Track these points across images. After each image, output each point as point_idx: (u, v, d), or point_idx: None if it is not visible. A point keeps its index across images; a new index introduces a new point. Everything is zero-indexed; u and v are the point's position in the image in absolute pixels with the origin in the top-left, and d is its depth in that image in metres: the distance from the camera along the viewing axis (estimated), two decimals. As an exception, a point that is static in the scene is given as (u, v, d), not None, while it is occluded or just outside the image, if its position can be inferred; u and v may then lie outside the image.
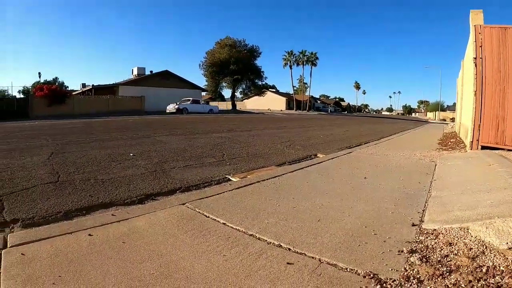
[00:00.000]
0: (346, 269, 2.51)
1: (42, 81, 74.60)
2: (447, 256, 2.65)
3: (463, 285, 2.18)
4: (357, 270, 2.47)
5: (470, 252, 2.68)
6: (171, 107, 40.51)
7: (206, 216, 3.67)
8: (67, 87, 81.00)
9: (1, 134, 12.70)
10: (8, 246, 2.89)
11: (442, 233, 3.10)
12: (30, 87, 69.21)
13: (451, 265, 2.49)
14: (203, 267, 2.52)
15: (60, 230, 3.23)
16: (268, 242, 3.00)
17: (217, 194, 4.55)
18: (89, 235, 3.10)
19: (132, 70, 58.12)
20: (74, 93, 53.55)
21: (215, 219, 3.57)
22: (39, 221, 3.61)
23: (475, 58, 7.88)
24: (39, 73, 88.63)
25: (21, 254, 2.71)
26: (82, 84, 64.03)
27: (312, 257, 2.71)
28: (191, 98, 41.98)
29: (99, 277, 2.35)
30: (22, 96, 59.94)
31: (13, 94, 64.23)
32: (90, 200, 4.35)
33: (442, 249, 2.78)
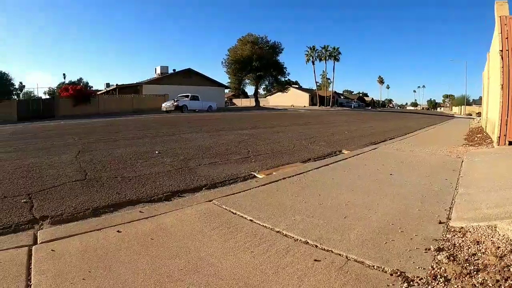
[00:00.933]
0: (373, 266, 2.48)
1: (67, 82, 75.72)
2: (474, 254, 2.60)
3: (490, 285, 2.14)
4: (384, 268, 2.44)
5: (498, 251, 2.63)
6: (168, 105, 37.31)
7: (233, 212, 3.68)
8: (92, 87, 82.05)
9: (29, 134, 12.96)
10: (38, 242, 2.94)
11: (470, 231, 3.05)
12: (55, 88, 70.43)
13: (478, 264, 2.44)
14: (231, 264, 2.52)
15: (88, 226, 3.28)
16: (295, 239, 3.00)
17: (243, 191, 4.55)
18: (118, 231, 3.14)
19: (155, 69, 58.56)
20: (98, 93, 54.28)
21: (242, 216, 3.57)
22: (68, 218, 3.67)
23: (501, 51, 7.67)
24: (64, 74, 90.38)
25: (51, 250, 2.76)
26: (106, 83, 64.86)
27: (339, 254, 2.69)
28: (189, 94, 39.33)
29: (128, 273, 2.37)
30: (47, 97, 60.92)
31: (39, 95, 65.29)
32: (117, 197, 4.40)
33: (469, 248, 2.73)
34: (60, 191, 4.60)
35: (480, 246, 2.74)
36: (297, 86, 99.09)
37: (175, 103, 36.71)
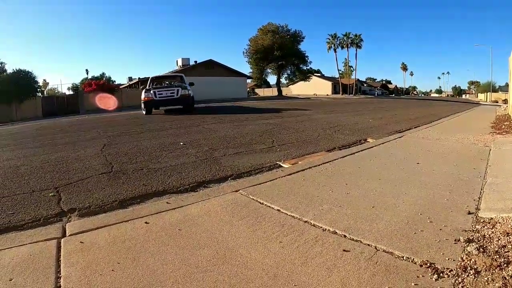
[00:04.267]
0: (403, 257, 2.46)
1: (89, 77, 76.40)
2: (504, 246, 2.55)
3: (520, 278, 2.11)
4: (413, 259, 2.42)
5: (528, 243, 2.59)
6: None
7: (260, 203, 3.68)
8: (114, 81, 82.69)
9: (54, 129, 13.17)
10: (67, 234, 2.98)
11: (499, 222, 2.99)
12: (79, 84, 71.21)
13: (508, 256, 2.39)
14: (259, 254, 2.52)
15: (116, 218, 3.32)
16: (323, 229, 2.98)
17: (270, 180, 4.55)
18: (146, 222, 3.16)
19: (177, 61, 58.71)
20: (121, 87, 54.71)
21: (269, 206, 3.57)
22: (96, 210, 3.72)
23: None
24: (87, 70, 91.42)
25: (80, 242, 2.80)
26: (129, 77, 65.41)
27: (368, 245, 2.67)
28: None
29: (157, 264, 2.39)
30: (71, 92, 61.70)
31: (63, 92, 66.12)
32: (143, 188, 4.44)
33: (499, 239, 2.68)
34: (87, 184, 4.66)
35: (510, 237, 2.69)
36: (319, 74, 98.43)
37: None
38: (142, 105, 18.43)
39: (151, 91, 17.77)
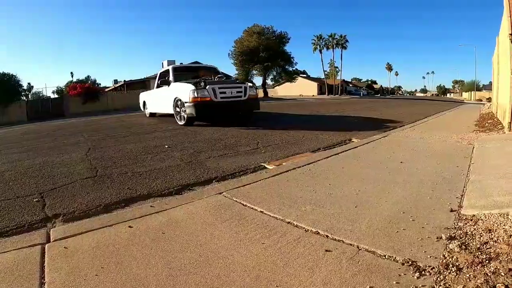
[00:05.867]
0: (384, 256, 2.49)
1: (74, 80, 75.93)
2: (486, 243, 2.59)
3: (502, 274, 2.12)
4: (395, 257, 2.45)
5: (510, 239, 2.61)
6: None
7: (243, 204, 3.69)
8: (99, 84, 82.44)
9: (39, 133, 13.04)
10: (51, 240, 2.98)
11: (481, 219, 3.03)
12: (64, 87, 70.64)
13: (490, 252, 2.43)
14: (242, 256, 2.54)
15: (100, 223, 3.31)
16: (305, 230, 3.00)
17: (254, 182, 4.56)
18: (129, 227, 3.17)
19: (162, 63, 58.40)
20: (106, 89, 54.53)
21: (252, 208, 3.59)
22: (80, 215, 3.70)
23: (511, 34, 7.61)
24: (72, 73, 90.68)
25: (64, 247, 2.79)
26: (114, 80, 65.08)
27: (350, 244, 2.70)
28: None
29: (140, 267, 2.40)
30: (56, 96, 61.24)
31: (48, 95, 65.59)
32: (128, 192, 4.42)
33: (481, 236, 2.72)
34: (71, 189, 4.64)
35: (492, 234, 2.73)
36: (305, 75, 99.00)
37: None
38: (188, 110, 11.41)
39: (208, 87, 11.28)
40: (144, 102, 17.86)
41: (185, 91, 11.60)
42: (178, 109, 12.31)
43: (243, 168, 5.58)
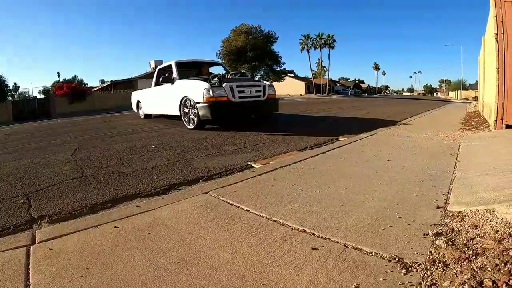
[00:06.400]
0: (371, 253, 2.49)
1: (61, 80, 75.36)
2: (473, 239, 2.61)
3: (489, 269, 2.14)
4: (382, 254, 2.45)
5: (496, 234, 2.63)
6: None
7: (229, 203, 3.68)
8: (86, 84, 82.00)
9: (25, 134, 12.94)
10: (37, 242, 2.94)
11: (468, 216, 3.05)
12: (50, 87, 70.13)
13: (477, 248, 2.45)
14: (228, 255, 2.54)
15: (86, 223, 3.28)
16: (292, 228, 3.00)
17: (240, 181, 4.55)
18: (115, 227, 3.14)
19: (150, 63, 58.19)
20: (93, 89, 54.28)
21: (238, 207, 3.58)
22: (66, 216, 3.68)
23: (496, 34, 7.69)
24: (58, 73, 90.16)
25: (49, 249, 2.76)
26: (101, 80, 64.74)
27: (337, 242, 2.70)
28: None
29: (126, 268, 2.39)
30: (42, 96, 60.77)
31: (34, 95, 65.10)
32: (114, 193, 4.41)
33: (468, 232, 2.74)
34: (57, 190, 4.61)
35: (478, 230, 2.75)
36: (292, 75, 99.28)
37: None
38: (201, 111, 9.88)
39: (225, 85, 9.95)
40: (138, 102, 16.50)
41: (197, 89, 10.09)
42: (186, 110, 10.78)
43: (229, 167, 5.58)
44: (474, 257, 2.31)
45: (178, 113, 11.31)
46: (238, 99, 10.15)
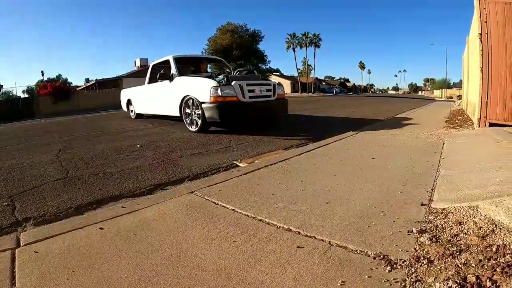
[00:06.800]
0: (356, 251, 2.52)
1: (45, 79, 74.49)
2: (457, 235, 2.65)
3: (473, 265, 2.17)
4: (367, 252, 2.48)
5: (480, 231, 2.67)
6: None
7: (215, 203, 3.69)
8: (71, 83, 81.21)
9: (9, 135, 12.78)
10: (21, 245, 2.91)
11: (452, 212, 3.09)
12: (34, 86, 69.38)
13: (461, 244, 2.48)
14: (213, 255, 2.54)
15: (71, 225, 3.26)
16: (277, 227, 3.02)
17: (225, 180, 4.56)
18: (100, 228, 3.13)
19: (135, 61, 58.10)
20: (78, 88, 53.80)
21: (224, 206, 3.58)
22: (51, 218, 3.66)
23: (480, 34, 7.82)
24: (42, 72, 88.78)
25: (34, 252, 2.74)
26: (86, 79, 64.36)
27: (322, 240, 2.72)
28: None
29: (111, 270, 2.38)
30: (26, 95, 60.05)
31: (18, 95, 64.27)
32: (99, 193, 4.39)
33: (451, 229, 2.77)
34: (42, 192, 4.57)
35: (462, 226, 2.79)
36: (278, 73, 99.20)
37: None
38: (207, 112, 8.88)
39: (235, 83, 8.95)
40: (129, 101, 15.26)
41: (202, 87, 9.07)
42: (189, 111, 9.77)
43: (215, 166, 5.60)
44: (458, 253, 2.34)
45: (177, 114, 10.30)
46: (248, 99, 9.16)
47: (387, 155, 5.81)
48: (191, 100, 9.51)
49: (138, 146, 7.61)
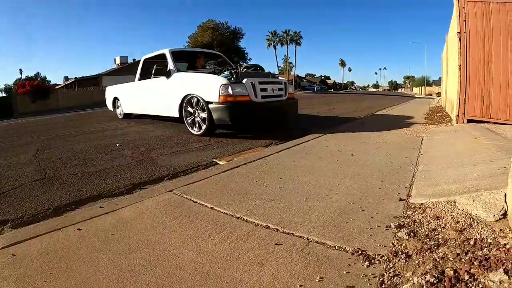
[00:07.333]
0: (334, 247, 2.54)
1: (23, 77, 73.39)
2: (434, 230, 2.69)
3: (451, 258, 2.21)
4: (345, 248, 2.51)
5: (457, 225, 2.72)
6: None
7: (193, 201, 3.69)
8: (50, 81, 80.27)
9: (-15, 134, 12.58)
10: (-1, 247, 2.88)
11: (430, 207, 3.14)
12: (12, 85, 68.27)
13: (439, 238, 2.53)
14: (192, 253, 2.55)
15: (49, 227, 3.23)
16: (256, 224, 3.04)
17: (204, 178, 4.55)
18: (78, 229, 3.10)
19: (115, 59, 57.76)
20: (57, 87, 53.17)
21: (202, 204, 3.58)
22: (29, 220, 3.61)
23: (459, 33, 7.99)
24: (20, 70, 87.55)
25: (12, 254, 2.71)
26: (65, 77, 63.61)
27: (300, 237, 2.74)
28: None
29: (89, 271, 2.37)
30: (4, 94, 59.17)
31: (-5, 93, 63.35)
32: (78, 194, 4.35)
33: (429, 223, 2.82)
34: (19, 193, 4.51)
35: (440, 221, 2.84)
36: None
37: None
38: (215, 113, 7.81)
39: (246, 81, 7.91)
40: (116, 100, 13.88)
41: (209, 85, 7.96)
42: (191, 111, 8.65)
43: (194, 164, 5.60)
44: (436, 247, 2.38)
45: (176, 115, 9.13)
46: (260, 98, 8.15)
47: (366, 152, 5.86)
48: (195, 99, 8.37)
49: (117, 145, 7.56)
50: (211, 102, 7.79)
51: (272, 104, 8.54)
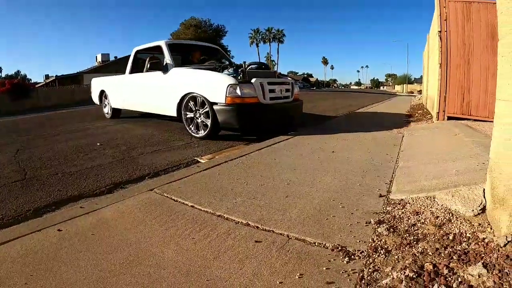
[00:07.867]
0: (314, 243, 2.57)
1: (3, 75, 72.42)
2: (414, 225, 2.74)
3: (430, 253, 2.25)
4: (325, 244, 2.54)
5: (437, 220, 2.77)
6: None
7: (174, 200, 3.69)
8: (30, 80, 79.29)
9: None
10: (-22, 251, 2.85)
11: (409, 203, 3.19)
12: (-9, 84, 67.36)
13: (418, 234, 2.57)
14: (172, 252, 2.56)
15: (29, 228, 3.20)
16: (236, 222, 3.06)
17: (185, 177, 4.56)
18: (59, 230, 3.09)
19: (96, 57, 57.21)
20: (37, 85, 52.47)
21: (183, 203, 3.59)
22: (9, 222, 3.57)
23: (440, 32, 8.15)
24: (0, 68, 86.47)
25: (-8, 257, 2.69)
26: (45, 75, 62.79)
27: (280, 234, 2.77)
28: None
29: (70, 272, 2.36)
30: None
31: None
32: (58, 194, 4.33)
33: (409, 219, 2.87)
34: (-1, 194, 4.46)
35: (419, 216, 2.89)
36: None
37: None
38: (220, 116, 7.21)
39: (255, 81, 7.33)
40: (103, 93, 12.64)
41: (214, 84, 7.33)
42: (192, 112, 7.98)
43: (176, 163, 5.61)
44: (415, 242, 2.43)
45: (173, 114, 8.44)
46: (269, 100, 7.61)
47: (347, 148, 5.91)
48: (197, 99, 7.70)
49: (98, 144, 7.50)
50: (216, 103, 7.22)
51: (280, 106, 8.04)
